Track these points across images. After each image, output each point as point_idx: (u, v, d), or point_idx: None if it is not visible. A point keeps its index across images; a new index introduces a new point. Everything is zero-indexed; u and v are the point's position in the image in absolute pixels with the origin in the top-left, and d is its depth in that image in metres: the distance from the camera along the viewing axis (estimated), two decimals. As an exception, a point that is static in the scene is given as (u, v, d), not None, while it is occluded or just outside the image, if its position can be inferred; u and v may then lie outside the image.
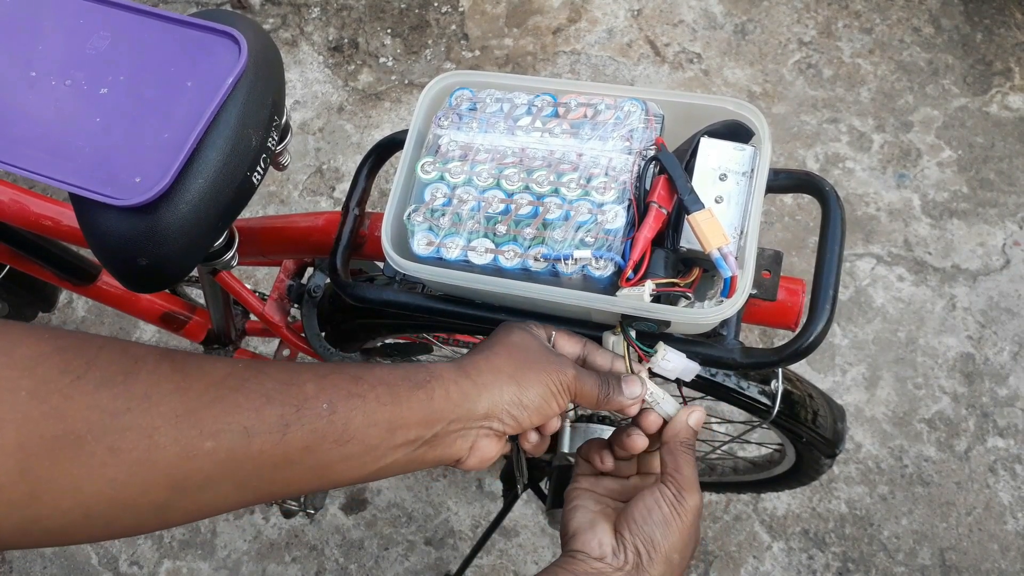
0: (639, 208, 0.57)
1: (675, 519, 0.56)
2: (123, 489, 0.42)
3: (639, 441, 0.61)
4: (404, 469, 0.54)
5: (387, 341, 1.05)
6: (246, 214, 0.73)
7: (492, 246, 0.58)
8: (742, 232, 0.58)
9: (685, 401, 0.63)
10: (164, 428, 0.43)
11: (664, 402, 0.61)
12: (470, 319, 0.66)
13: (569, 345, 0.61)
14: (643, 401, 0.61)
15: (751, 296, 0.64)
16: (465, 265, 0.59)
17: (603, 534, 0.57)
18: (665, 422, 0.61)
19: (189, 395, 0.44)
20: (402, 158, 0.63)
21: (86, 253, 0.86)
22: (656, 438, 0.62)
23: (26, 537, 0.41)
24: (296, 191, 1.79)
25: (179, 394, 0.44)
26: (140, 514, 0.44)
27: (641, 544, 0.56)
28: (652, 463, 0.64)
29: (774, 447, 1.17)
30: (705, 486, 1.36)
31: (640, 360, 0.61)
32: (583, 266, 0.56)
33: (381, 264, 0.91)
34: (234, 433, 0.45)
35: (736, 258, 0.56)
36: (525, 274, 0.58)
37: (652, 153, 0.59)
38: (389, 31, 1.97)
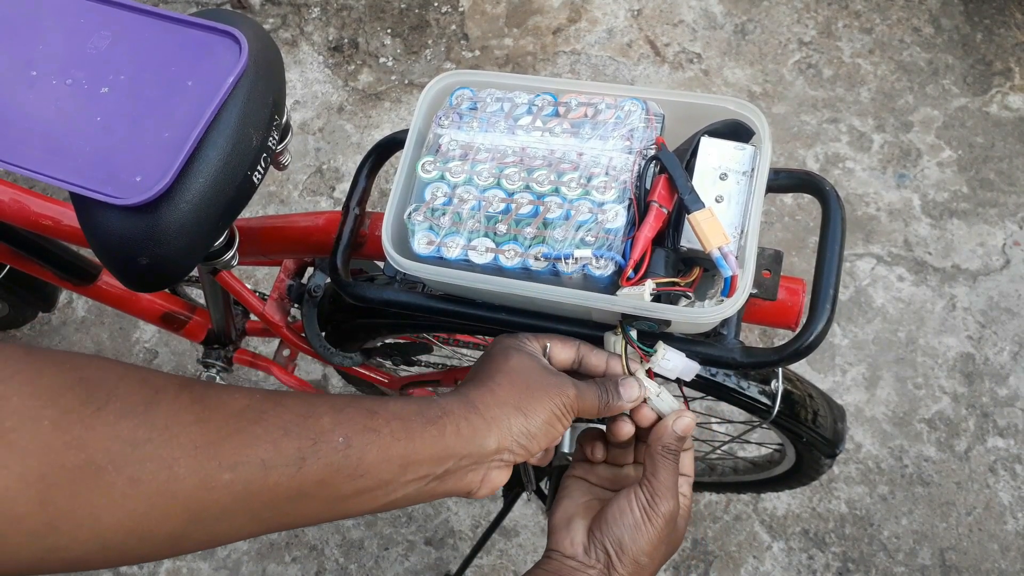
0: (639, 207, 0.57)
1: (644, 524, 0.57)
2: (141, 520, 0.42)
3: (625, 428, 0.61)
4: (414, 501, 0.54)
5: (387, 341, 1.05)
6: (246, 214, 0.73)
7: (492, 245, 0.58)
8: (742, 231, 0.58)
9: (687, 401, 0.63)
10: (184, 459, 0.43)
11: (659, 399, 0.61)
12: (470, 318, 0.66)
13: (564, 352, 0.61)
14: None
15: (751, 295, 0.64)
16: (466, 264, 0.59)
17: (576, 532, 0.58)
18: (660, 417, 0.61)
19: (209, 426, 0.45)
20: (402, 157, 0.63)
21: (86, 253, 0.86)
22: (650, 431, 0.62)
23: (42, 566, 0.41)
24: (296, 191, 1.79)
25: (199, 425, 0.44)
26: (156, 544, 0.44)
27: (610, 545, 0.57)
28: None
29: (774, 447, 1.17)
30: (705, 486, 1.36)
31: (640, 360, 0.61)
32: (583, 265, 0.56)
33: (381, 264, 0.91)
34: (252, 465, 0.45)
35: (736, 257, 0.56)
36: (525, 273, 0.58)
37: (652, 152, 0.59)
38: (389, 31, 1.97)
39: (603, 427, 0.66)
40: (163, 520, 0.43)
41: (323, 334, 0.95)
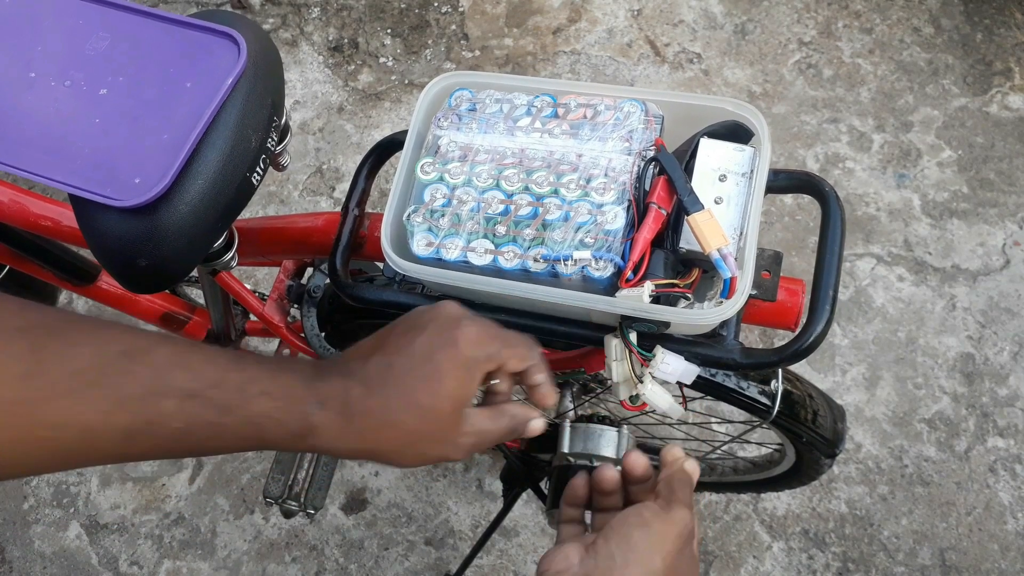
0: (639, 209, 0.57)
1: (657, 522, 0.51)
2: None
3: (610, 473, 0.58)
4: None
5: (387, 341, 1.05)
6: (246, 214, 0.73)
7: (491, 247, 0.58)
8: (742, 233, 0.58)
9: (685, 402, 0.63)
10: (1, 414, 0.42)
11: (652, 392, 0.60)
12: (470, 320, 0.66)
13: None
14: (642, 407, 0.59)
15: (751, 296, 0.64)
16: (465, 266, 0.59)
17: (570, 549, 0.52)
18: (656, 466, 0.57)
19: (36, 383, 0.43)
20: (402, 158, 0.63)
21: (86, 253, 0.86)
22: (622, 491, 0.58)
23: None
24: (296, 191, 1.79)
25: (25, 380, 0.43)
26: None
27: (616, 546, 0.50)
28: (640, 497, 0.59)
29: (774, 447, 1.17)
30: (705, 486, 1.36)
31: (640, 364, 0.61)
32: (583, 267, 0.56)
33: (381, 265, 0.91)
34: (75, 429, 0.43)
35: (736, 259, 0.56)
36: (525, 275, 0.58)
37: (652, 154, 0.59)
38: (389, 31, 1.97)
39: (607, 435, 0.65)
40: None
41: (322, 334, 0.95)
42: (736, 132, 0.61)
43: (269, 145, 0.64)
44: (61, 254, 1.03)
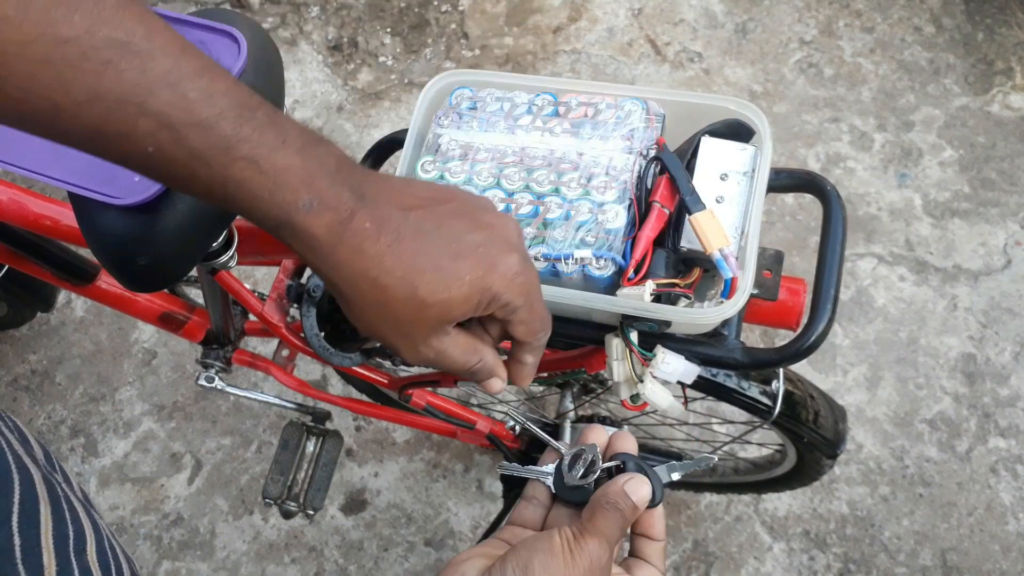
0: (640, 208, 0.57)
1: (564, 554, 0.47)
2: None
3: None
4: None
5: (387, 341, 1.05)
6: (245, 214, 0.73)
7: (492, 246, 0.58)
8: (743, 232, 0.58)
9: (686, 402, 0.63)
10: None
11: (651, 391, 0.59)
12: (470, 319, 0.66)
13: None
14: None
15: (752, 296, 0.63)
16: (465, 265, 0.59)
17: (468, 566, 0.49)
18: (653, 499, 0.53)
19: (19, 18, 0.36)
20: (402, 157, 0.63)
21: (85, 253, 0.86)
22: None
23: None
24: (296, 191, 1.79)
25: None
26: None
27: (512, 569, 0.47)
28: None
29: (775, 448, 1.16)
30: (706, 487, 1.36)
31: (640, 364, 0.61)
32: (583, 266, 0.56)
33: (381, 264, 0.91)
34: (44, 97, 0.38)
35: (737, 258, 0.56)
36: (525, 274, 0.58)
37: (653, 153, 0.58)
38: (389, 30, 1.96)
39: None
40: None
41: (322, 334, 0.95)
42: (737, 131, 0.61)
43: (268, 144, 0.63)
44: (60, 253, 1.03)
